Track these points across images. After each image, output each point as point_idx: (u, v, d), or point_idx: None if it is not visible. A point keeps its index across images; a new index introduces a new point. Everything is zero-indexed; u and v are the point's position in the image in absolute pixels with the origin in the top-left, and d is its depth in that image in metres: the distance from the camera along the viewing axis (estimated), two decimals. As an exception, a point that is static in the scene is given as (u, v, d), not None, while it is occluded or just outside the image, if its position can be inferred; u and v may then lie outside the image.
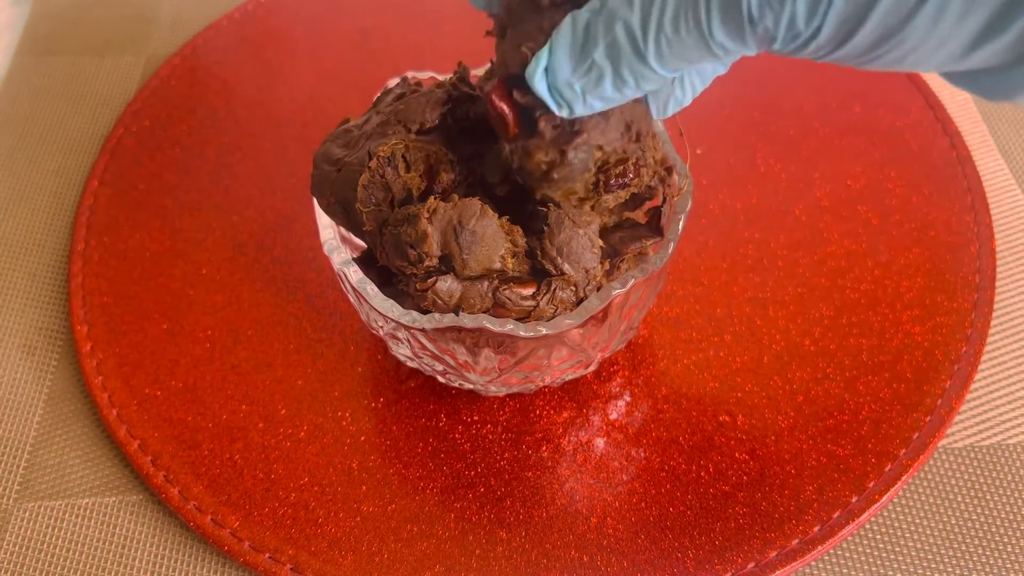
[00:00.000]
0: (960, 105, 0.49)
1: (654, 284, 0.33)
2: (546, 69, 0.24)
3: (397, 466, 0.36)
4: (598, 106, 0.24)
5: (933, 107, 0.47)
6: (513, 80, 0.25)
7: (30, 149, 0.49)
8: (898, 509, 0.35)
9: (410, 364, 0.35)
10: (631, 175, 0.29)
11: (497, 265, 0.29)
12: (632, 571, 0.33)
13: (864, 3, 0.19)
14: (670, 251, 0.31)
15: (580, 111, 0.25)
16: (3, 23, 0.55)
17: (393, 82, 0.33)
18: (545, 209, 0.29)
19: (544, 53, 0.24)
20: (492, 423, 0.37)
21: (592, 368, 0.36)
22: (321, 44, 0.52)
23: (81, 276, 0.42)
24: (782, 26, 0.20)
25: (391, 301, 0.30)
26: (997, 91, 0.21)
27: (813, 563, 0.34)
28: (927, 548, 0.34)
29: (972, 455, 0.36)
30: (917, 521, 0.34)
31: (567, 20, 0.23)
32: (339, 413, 0.38)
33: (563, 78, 0.24)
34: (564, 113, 0.25)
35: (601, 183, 0.29)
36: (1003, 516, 0.34)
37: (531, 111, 0.26)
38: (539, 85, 0.24)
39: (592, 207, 0.29)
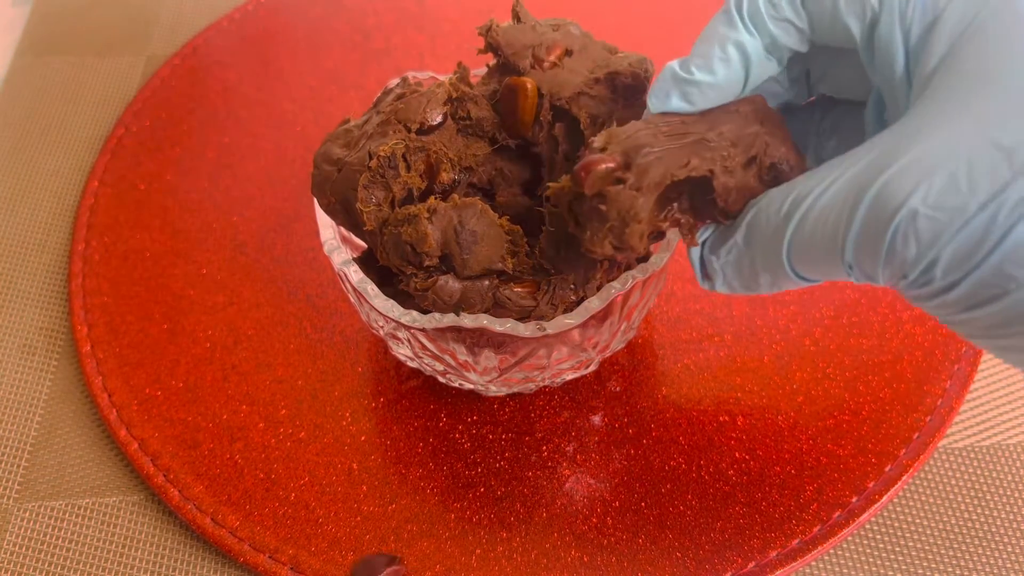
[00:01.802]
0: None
1: (654, 284, 0.33)
2: (703, 242, 0.26)
3: (397, 466, 0.36)
4: (733, 287, 0.26)
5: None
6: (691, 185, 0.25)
7: (30, 149, 0.49)
8: (898, 509, 0.35)
9: (410, 364, 0.35)
10: None
11: (497, 265, 0.29)
12: (632, 571, 0.33)
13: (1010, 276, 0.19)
14: (670, 251, 0.31)
15: (721, 290, 0.26)
16: (3, 23, 0.55)
17: (393, 82, 0.33)
18: (543, 208, 0.29)
19: (708, 233, 0.25)
20: (492, 423, 0.37)
21: (592, 368, 0.36)
22: (321, 44, 0.52)
23: (81, 276, 0.42)
24: (918, 267, 0.20)
25: (391, 301, 0.30)
26: None
27: (813, 563, 0.34)
28: (927, 548, 0.34)
29: (972, 455, 0.36)
30: (917, 521, 0.34)
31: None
32: (339, 413, 0.38)
33: (713, 259, 0.25)
34: (705, 286, 0.26)
35: None
36: (1003, 516, 0.34)
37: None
38: (692, 256, 0.26)
39: None
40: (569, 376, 0.35)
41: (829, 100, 0.29)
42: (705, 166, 0.24)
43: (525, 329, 0.29)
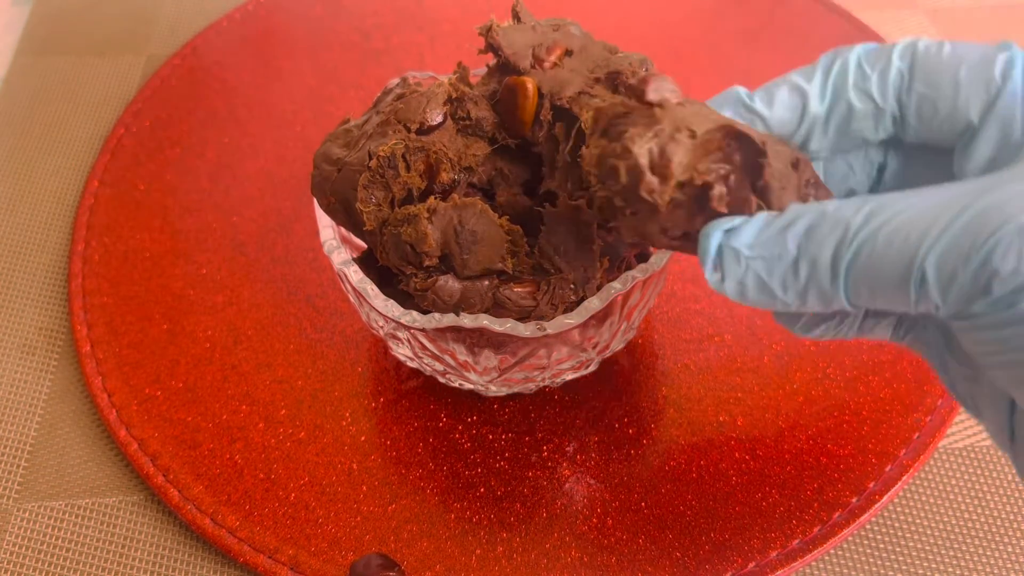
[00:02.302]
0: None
1: (654, 284, 0.33)
2: (729, 231, 0.22)
3: (397, 466, 0.36)
4: (745, 291, 0.23)
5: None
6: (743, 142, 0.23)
7: (30, 149, 0.49)
8: (898, 509, 0.35)
9: (410, 364, 0.35)
10: None
11: (497, 265, 0.29)
12: (632, 571, 0.33)
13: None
14: (670, 252, 0.31)
15: (729, 290, 0.23)
16: (3, 23, 0.55)
17: (393, 82, 0.33)
18: (543, 208, 0.29)
19: (739, 221, 0.22)
20: (492, 423, 0.37)
21: (592, 368, 0.36)
22: (321, 44, 0.52)
23: (81, 276, 0.42)
24: (1010, 285, 0.19)
25: (391, 301, 0.30)
26: None
27: (813, 563, 0.34)
28: (927, 548, 0.34)
29: (972, 455, 0.36)
30: (917, 521, 0.34)
31: (786, 212, 0.22)
32: (339, 413, 0.38)
33: (744, 249, 0.22)
34: (712, 278, 0.23)
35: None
36: (1003, 516, 0.34)
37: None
38: (710, 241, 0.22)
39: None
40: (569, 376, 0.35)
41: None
42: (757, 136, 0.23)
43: (525, 329, 0.29)
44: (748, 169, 0.23)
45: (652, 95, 0.24)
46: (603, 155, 0.24)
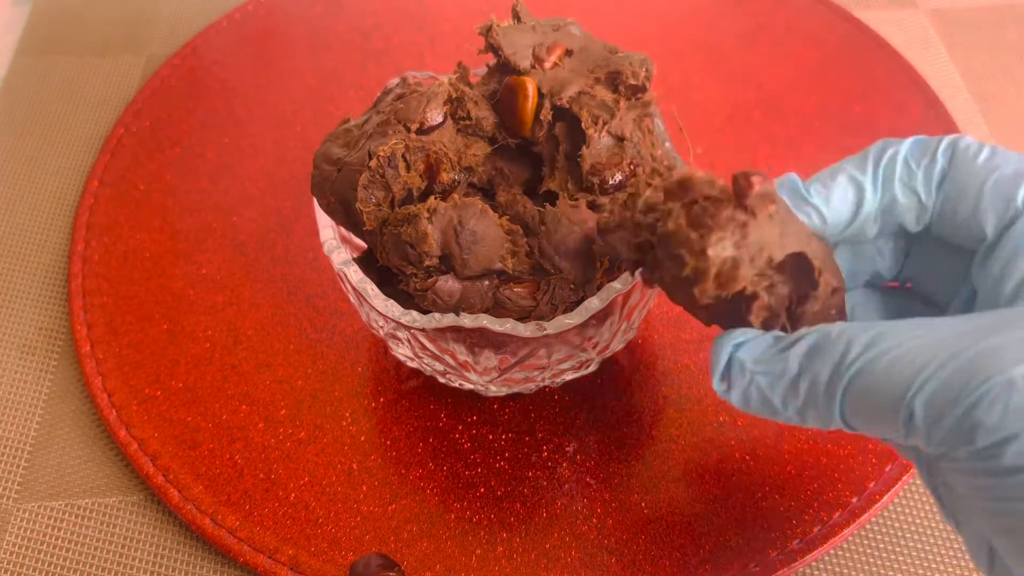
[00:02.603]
0: (961, 105, 0.49)
1: (654, 284, 0.32)
2: (738, 344, 0.23)
3: (397, 466, 0.36)
4: (750, 401, 0.23)
5: (934, 107, 0.47)
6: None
7: (30, 149, 0.49)
8: (898, 509, 0.35)
9: (410, 364, 0.35)
10: (627, 176, 0.29)
11: (497, 265, 0.29)
12: (632, 571, 0.33)
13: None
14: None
15: (734, 399, 0.23)
16: (3, 23, 0.55)
17: (393, 82, 0.33)
18: (543, 208, 0.29)
19: (751, 335, 0.23)
20: (492, 423, 0.37)
21: (592, 368, 0.36)
22: (321, 44, 0.52)
23: (81, 276, 0.42)
24: (991, 438, 0.19)
25: (391, 301, 0.30)
26: None
27: (813, 563, 0.34)
28: (927, 548, 0.34)
29: (972, 455, 0.36)
30: (917, 521, 0.34)
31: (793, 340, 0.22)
32: (339, 413, 0.38)
33: (749, 363, 0.23)
34: (718, 388, 0.23)
35: (596, 185, 0.29)
36: (1003, 516, 0.34)
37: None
38: (721, 353, 0.23)
39: (590, 207, 0.29)
40: (569, 376, 0.35)
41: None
42: (817, 262, 0.22)
43: (525, 329, 0.29)
44: (796, 293, 0.23)
45: (753, 200, 0.21)
46: (678, 235, 0.22)
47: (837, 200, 0.25)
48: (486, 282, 0.29)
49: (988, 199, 0.23)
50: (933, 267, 0.27)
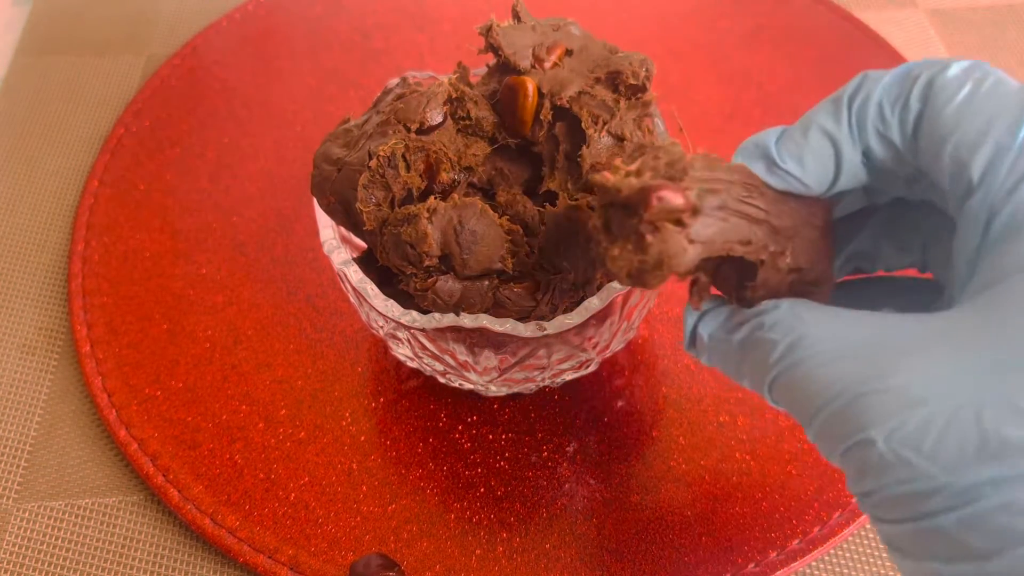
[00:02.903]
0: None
1: (654, 284, 0.32)
2: (704, 312, 0.24)
3: (397, 466, 0.36)
4: (716, 367, 0.24)
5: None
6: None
7: (30, 149, 0.49)
8: (898, 509, 0.35)
9: (410, 364, 0.35)
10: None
11: (497, 265, 0.29)
12: (632, 571, 0.33)
13: None
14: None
15: (704, 361, 0.25)
16: (3, 23, 0.55)
17: (393, 82, 0.33)
18: (543, 208, 0.29)
19: (714, 304, 0.24)
20: (492, 423, 0.37)
21: (592, 368, 0.36)
22: (321, 44, 0.52)
23: (81, 276, 0.42)
24: (858, 487, 0.20)
25: (391, 301, 0.30)
26: None
27: (813, 563, 0.34)
28: (927, 548, 0.34)
29: (972, 455, 0.36)
30: (917, 521, 0.34)
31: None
32: (339, 413, 0.38)
33: (706, 338, 0.24)
34: (688, 351, 0.25)
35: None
36: (1003, 516, 0.34)
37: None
38: (687, 323, 0.24)
39: (589, 207, 0.29)
40: (569, 376, 0.35)
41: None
42: (760, 254, 0.22)
43: (525, 329, 0.29)
44: (729, 268, 0.23)
45: (649, 214, 0.21)
46: (593, 236, 0.23)
47: (812, 162, 0.23)
48: (486, 282, 0.29)
49: (948, 163, 0.21)
50: (896, 233, 0.26)
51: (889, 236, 0.26)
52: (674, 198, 0.21)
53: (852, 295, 0.27)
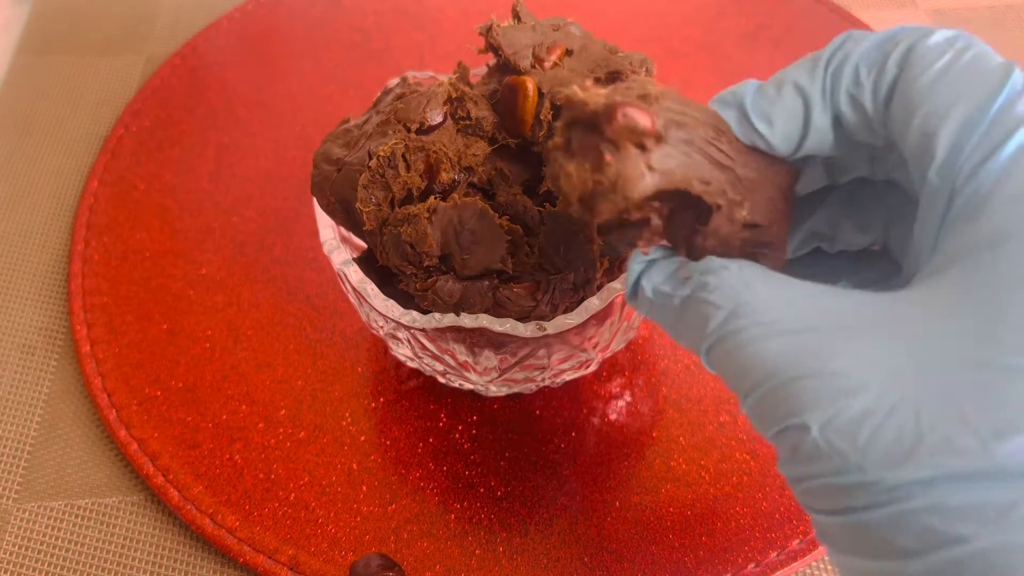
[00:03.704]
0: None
1: (654, 284, 0.32)
2: (650, 262, 0.23)
3: (397, 466, 0.36)
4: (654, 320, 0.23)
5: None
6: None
7: (30, 149, 0.49)
8: (898, 509, 0.35)
9: (410, 364, 0.35)
10: None
11: (497, 265, 0.29)
12: (632, 571, 0.33)
13: None
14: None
15: (643, 313, 0.23)
16: (3, 22, 0.55)
17: (393, 82, 0.33)
18: (543, 208, 0.29)
19: (660, 255, 0.23)
20: (492, 423, 0.37)
21: (592, 368, 0.36)
22: (321, 44, 0.52)
23: (81, 276, 0.42)
24: (786, 469, 0.20)
25: (391, 301, 0.30)
26: None
27: (814, 563, 0.34)
28: (928, 548, 0.34)
29: (973, 455, 0.36)
30: (917, 521, 0.34)
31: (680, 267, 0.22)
32: (339, 413, 0.37)
33: (648, 291, 0.22)
34: (630, 301, 0.23)
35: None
36: (1004, 516, 0.34)
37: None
38: (632, 271, 0.23)
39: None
40: (569, 376, 0.35)
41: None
42: (717, 198, 0.21)
43: (525, 329, 0.29)
44: (681, 214, 0.22)
45: (611, 131, 0.21)
46: (551, 154, 0.22)
47: (781, 120, 0.22)
48: (486, 282, 0.29)
49: (914, 134, 0.20)
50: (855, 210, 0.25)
51: (849, 214, 0.25)
52: (640, 117, 0.20)
53: (810, 267, 0.27)
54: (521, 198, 0.31)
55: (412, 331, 0.30)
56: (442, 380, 0.35)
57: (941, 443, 0.17)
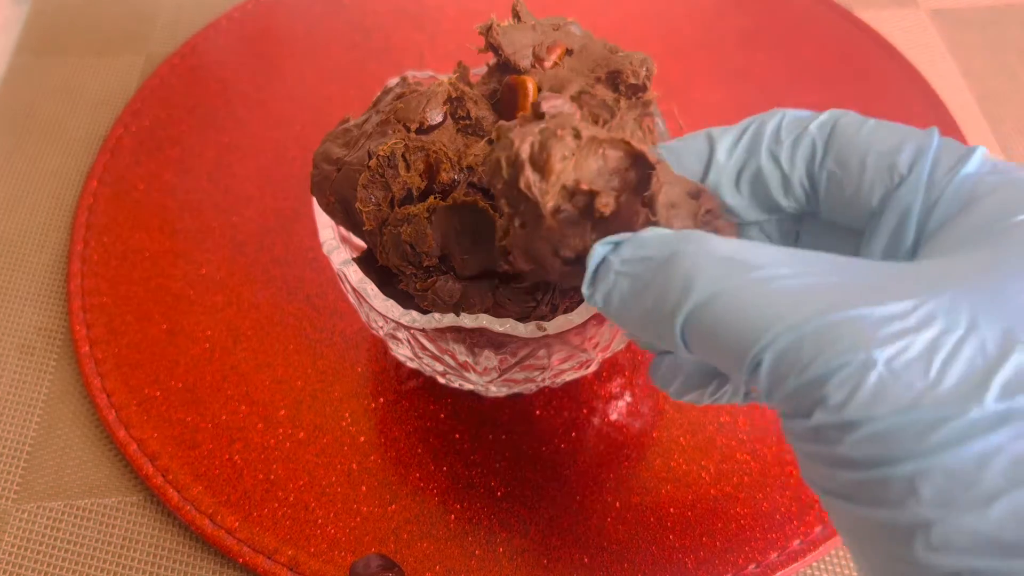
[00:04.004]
0: (962, 105, 0.49)
1: (655, 284, 0.32)
2: (616, 244, 0.22)
3: (397, 467, 0.36)
4: (615, 311, 0.22)
5: (934, 106, 0.47)
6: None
7: (30, 149, 0.49)
8: (899, 510, 0.35)
9: (410, 364, 0.35)
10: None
11: (497, 265, 0.29)
12: (632, 572, 0.33)
13: None
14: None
15: (597, 301, 0.22)
16: (2, 22, 0.55)
17: (393, 82, 0.33)
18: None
19: (627, 236, 0.22)
20: (492, 424, 0.37)
21: (592, 368, 0.36)
22: (321, 44, 0.52)
23: (80, 276, 0.42)
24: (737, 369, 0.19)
25: (391, 301, 0.30)
26: None
27: (814, 564, 0.34)
28: (928, 549, 0.34)
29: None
30: (918, 522, 0.34)
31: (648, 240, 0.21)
32: (339, 413, 0.37)
33: (616, 263, 0.21)
34: (586, 292, 0.22)
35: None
36: (1005, 517, 0.34)
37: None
38: (595, 252, 0.22)
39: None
40: (569, 376, 0.35)
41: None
42: (651, 155, 0.22)
43: (525, 329, 0.29)
44: (639, 184, 0.22)
45: (545, 107, 0.23)
46: (488, 153, 0.23)
47: (687, 152, 0.25)
48: (486, 282, 0.29)
49: (872, 170, 0.22)
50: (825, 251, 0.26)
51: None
52: (558, 107, 0.23)
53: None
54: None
55: (412, 331, 0.30)
56: (442, 380, 0.35)
57: (1016, 373, 0.16)
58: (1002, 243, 0.19)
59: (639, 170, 0.23)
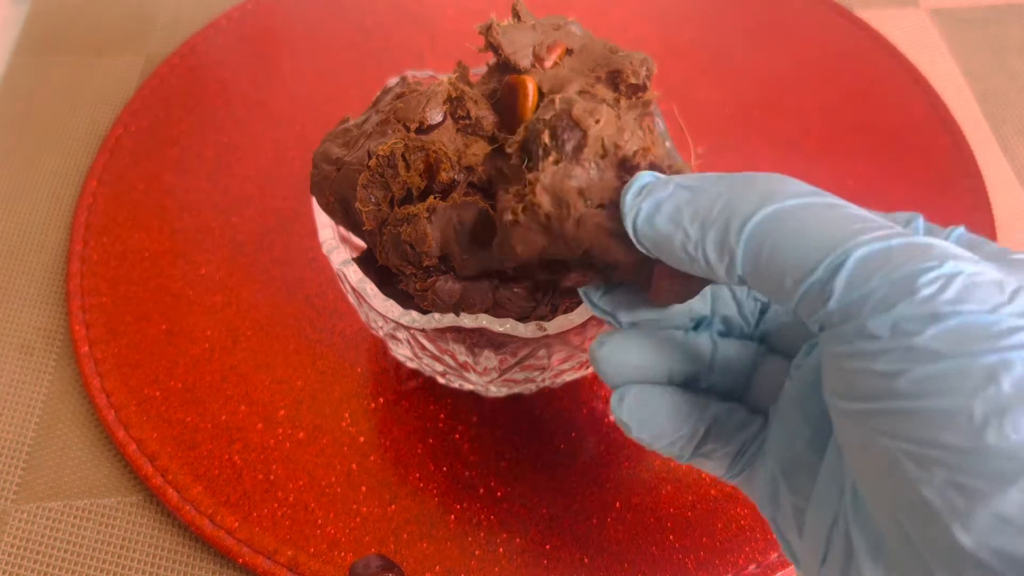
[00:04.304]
0: (963, 104, 0.49)
1: (655, 284, 0.32)
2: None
3: (397, 467, 0.36)
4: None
5: (935, 106, 0.47)
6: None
7: (29, 149, 0.49)
8: (900, 510, 0.35)
9: (410, 364, 0.35)
10: None
11: (497, 265, 0.29)
12: (632, 572, 0.33)
13: None
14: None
15: (644, 210, 0.22)
16: (1, 23, 0.55)
17: (393, 81, 0.33)
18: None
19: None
20: (492, 424, 0.37)
21: (592, 368, 0.36)
22: (321, 44, 0.52)
23: (80, 276, 0.42)
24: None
25: (391, 301, 0.30)
26: None
27: (814, 564, 0.34)
28: (929, 549, 0.34)
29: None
30: (919, 522, 0.34)
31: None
32: (339, 414, 0.37)
33: (682, 179, 0.22)
34: (630, 200, 0.22)
35: None
36: (1005, 517, 0.34)
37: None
38: (645, 175, 0.23)
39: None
40: (569, 377, 0.35)
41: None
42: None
43: (525, 329, 0.29)
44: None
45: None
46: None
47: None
48: (486, 282, 0.29)
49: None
50: (786, 327, 0.26)
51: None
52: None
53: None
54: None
55: (412, 331, 0.30)
56: (442, 381, 0.35)
57: None
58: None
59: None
